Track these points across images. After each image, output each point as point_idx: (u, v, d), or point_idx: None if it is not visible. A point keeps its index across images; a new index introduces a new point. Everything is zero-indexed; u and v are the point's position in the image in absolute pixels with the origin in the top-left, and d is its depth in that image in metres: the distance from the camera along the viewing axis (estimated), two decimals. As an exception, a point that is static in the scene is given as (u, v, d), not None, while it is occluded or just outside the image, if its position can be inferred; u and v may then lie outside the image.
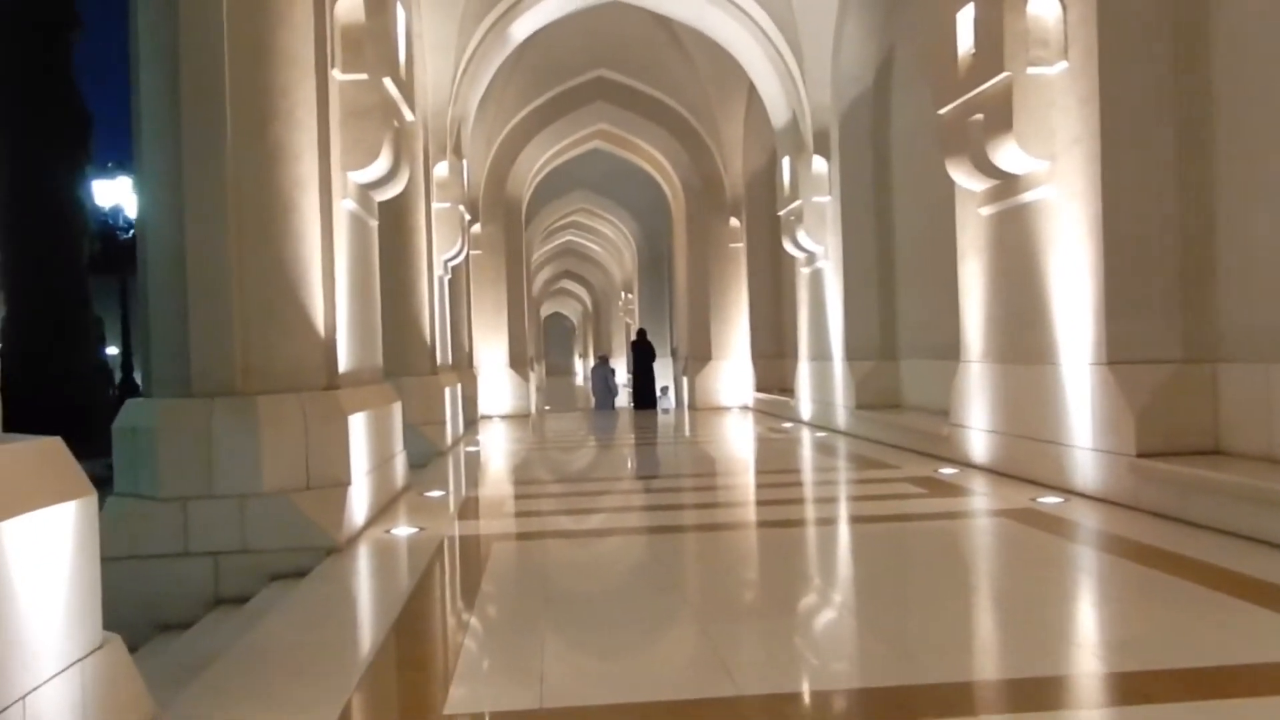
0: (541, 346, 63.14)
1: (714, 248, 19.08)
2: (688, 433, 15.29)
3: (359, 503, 6.49)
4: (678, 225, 20.32)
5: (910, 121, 11.82)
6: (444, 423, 12.05)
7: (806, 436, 12.80)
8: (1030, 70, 7.20)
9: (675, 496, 8.28)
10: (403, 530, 6.57)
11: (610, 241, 36.47)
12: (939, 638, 3.78)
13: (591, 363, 29.75)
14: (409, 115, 8.10)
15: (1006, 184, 7.86)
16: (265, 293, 6.14)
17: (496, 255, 18.86)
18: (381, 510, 7.29)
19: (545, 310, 67.67)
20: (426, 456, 11.55)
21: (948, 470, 8.58)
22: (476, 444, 13.24)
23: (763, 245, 18.64)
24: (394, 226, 11.82)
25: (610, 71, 18.49)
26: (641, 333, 23.88)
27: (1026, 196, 7.62)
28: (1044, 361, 7.39)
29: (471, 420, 17.28)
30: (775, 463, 10.67)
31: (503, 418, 18.68)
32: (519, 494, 8.86)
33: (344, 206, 6.91)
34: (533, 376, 25.42)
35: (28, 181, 18.15)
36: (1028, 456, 7.66)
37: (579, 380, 52.54)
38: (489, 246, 18.78)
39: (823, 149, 12.95)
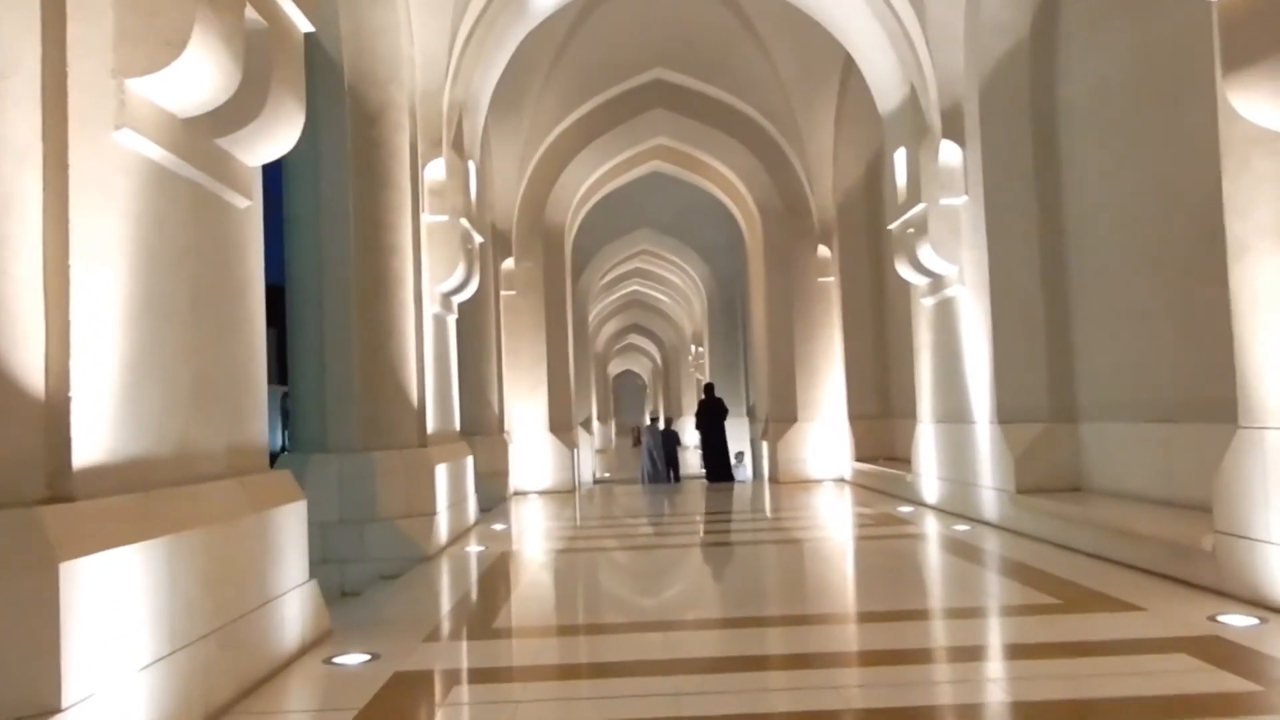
0: (610, 406, 60.08)
1: (799, 283, 15.51)
2: (770, 519, 11.67)
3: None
4: (754, 259, 16.83)
5: (1093, 76, 8.21)
6: (434, 514, 8.66)
7: (938, 531, 9.10)
8: None
9: (759, 691, 4.67)
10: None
11: (678, 290, 33.24)
12: None
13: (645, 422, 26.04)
14: (303, 23, 4.83)
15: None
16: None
17: (534, 296, 15.51)
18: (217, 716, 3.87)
19: (616, 368, 64.78)
20: (405, 564, 8.21)
21: (1238, 621, 4.89)
22: (485, 540, 9.78)
23: (860, 277, 15.05)
24: (366, 246, 8.65)
25: (671, 72, 15.23)
26: (709, 388, 20.42)
27: None
28: None
29: (501, 499, 13.90)
30: (914, 592, 6.99)
31: (541, 494, 15.22)
32: (488, 667, 5.33)
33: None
34: (589, 440, 22.11)
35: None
36: None
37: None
38: (525, 285, 15.47)
39: (954, 132, 9.42)
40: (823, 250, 15.45)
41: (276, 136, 4.56)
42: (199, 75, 3.78)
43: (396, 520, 8.35)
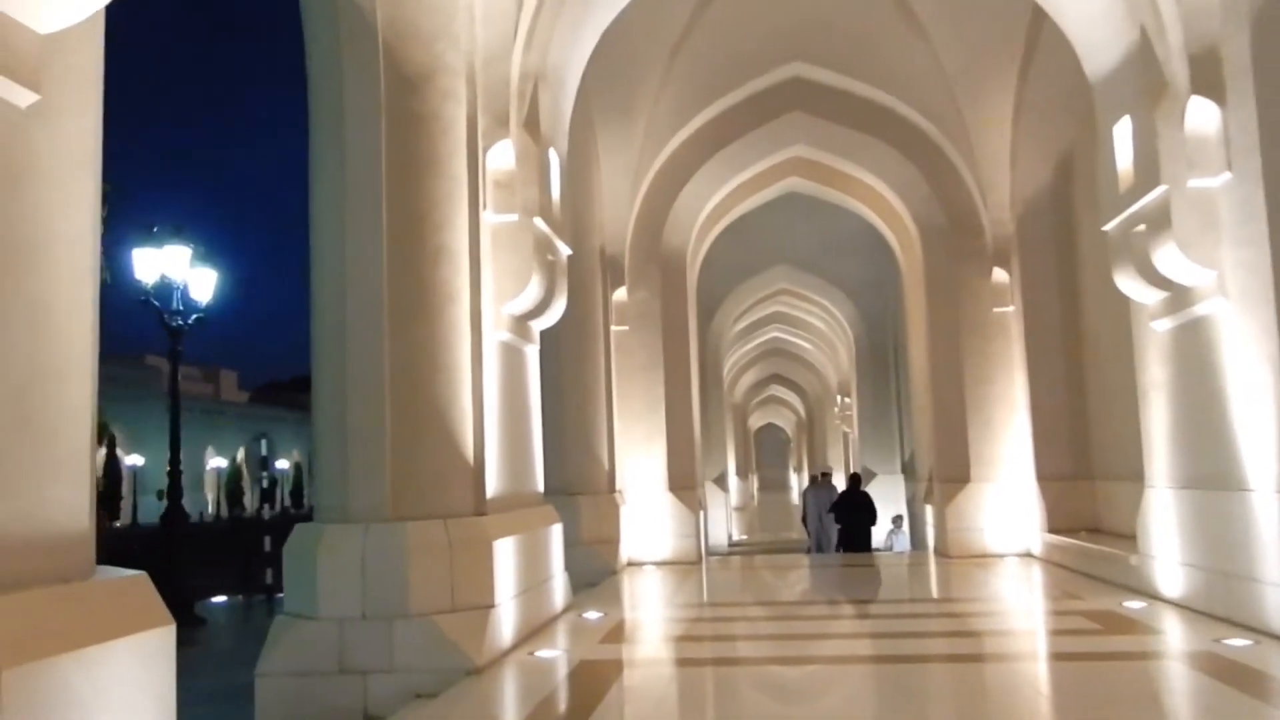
0: (751, 461, 57.37)
1: (969, 315, 12.80)
2: (952, 614, 9.02)
3: None
4: (912, 287, 14.21)
5: None
6: (492, 607, 6.41)
7: (1200, 648, 6.33)
8: None
9: None
10: None
11: (822, 335, 30.56)
12: None
13: (805, 482, 23.33)
14: None
15: None
16: None
17: (648, 331, 13.26)
18: None
19: (757, 421, 62.22)
20: (447, 676, 6.01)
21: None
22: (571, 636, 7.47)
23: (1049, 304, 12.24)
24: (403, 248, 6.59)
25: (811, 67, 12.90)
26: (855, 480, 17.52)
27: None
28: None
29: (610, 571, 11.58)
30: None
31: (659, 565, 12.84)
32: None
33: None
34: (724, 499, 19.60)
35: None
36: None
37: (794, 497, 45.77)
38: (638, 319, 13.24)
39: (1209, 85, 6.77)
40: (999, 274, 12.71)
41: None
42: None
43: (436, 616, 6.15)
